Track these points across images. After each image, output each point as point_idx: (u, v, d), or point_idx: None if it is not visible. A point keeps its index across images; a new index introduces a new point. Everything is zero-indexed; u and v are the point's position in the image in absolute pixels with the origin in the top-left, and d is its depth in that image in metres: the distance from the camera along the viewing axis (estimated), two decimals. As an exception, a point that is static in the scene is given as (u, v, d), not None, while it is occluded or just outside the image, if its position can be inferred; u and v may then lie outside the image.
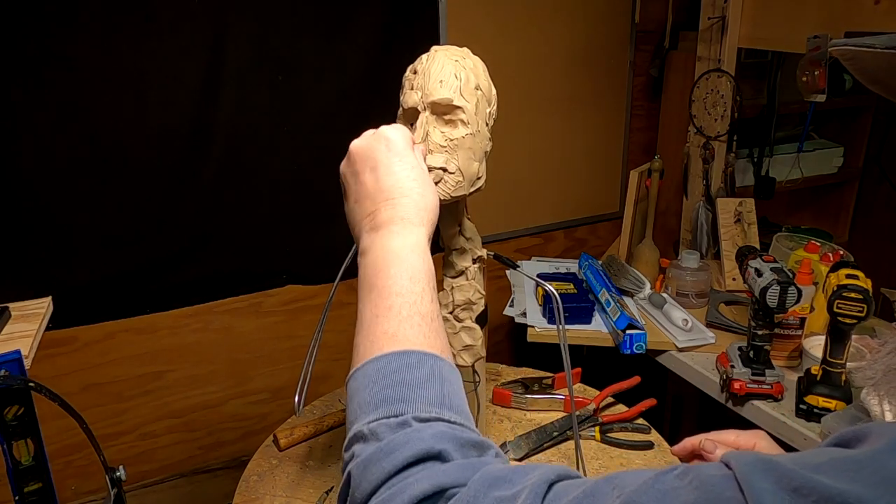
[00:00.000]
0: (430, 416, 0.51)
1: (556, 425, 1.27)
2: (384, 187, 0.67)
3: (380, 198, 0.67)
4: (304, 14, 1.55)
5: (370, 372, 0.55)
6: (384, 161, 0.68)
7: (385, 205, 0.66)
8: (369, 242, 0.65)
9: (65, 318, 1.48)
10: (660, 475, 0.42)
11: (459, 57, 0.83)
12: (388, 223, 0.65)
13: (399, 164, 0.68)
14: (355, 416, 0.53)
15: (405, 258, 0.62)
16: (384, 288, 0.61)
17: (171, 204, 1.55)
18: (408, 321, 0.58)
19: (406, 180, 0.67)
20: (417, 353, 0.56)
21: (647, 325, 1.56)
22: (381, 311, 0.59)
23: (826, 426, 1.18)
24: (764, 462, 0.39)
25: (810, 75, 1.49)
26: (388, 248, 0.63)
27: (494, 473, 0.47)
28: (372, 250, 0.65)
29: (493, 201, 1.93)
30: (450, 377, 0.56)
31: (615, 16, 1.97)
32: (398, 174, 0.68)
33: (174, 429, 1.74)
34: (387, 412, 0.51)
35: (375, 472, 0.48)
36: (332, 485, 1.15)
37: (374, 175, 0.68)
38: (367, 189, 0.68)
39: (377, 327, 0.58)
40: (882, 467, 0.37)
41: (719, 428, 0.82)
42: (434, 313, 0.61)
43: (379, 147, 0.69)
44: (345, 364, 2.20)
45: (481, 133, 0.84)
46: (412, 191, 0.67)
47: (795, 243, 1.72)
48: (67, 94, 1.40)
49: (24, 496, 0.98)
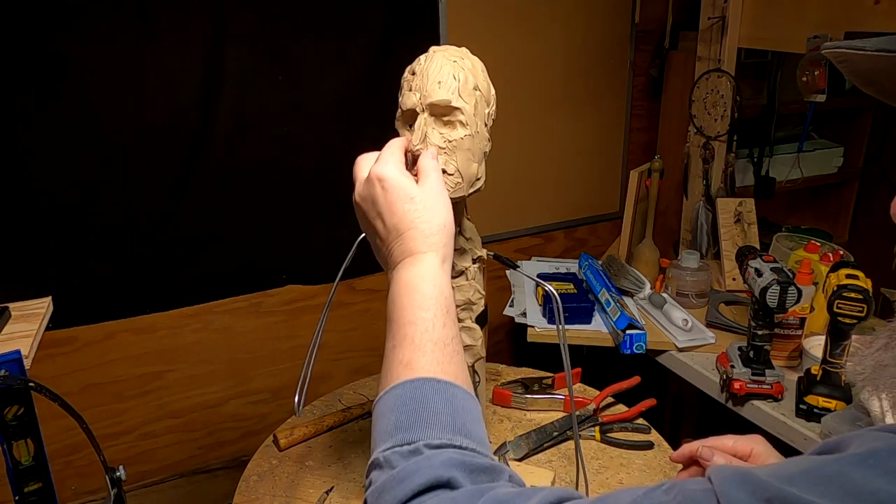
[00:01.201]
0: (442, 443, 0.53)
1: (556, 425, 1.27)
2: (392, 228, 0.70)
3: (391, 238, 0.70)
4: (304, 14, 1.55)
5: (388, 400, 0.58)
6: (384, 204, 0.70)
7: (395, 243, 0.69)
8: (391, 278, 0.69)
9: (65, 318, 1.49)
10: (648, 492, 0.44)
11: (458, 57, 0.83)
12: (400, 257, 0.69)
13: (398, 201, 0.70)
14: (375, 444, 0.56)
15: (416, 287, 0.65)
16: (398, 319, 0.64)
17: (171, 204, 1.55)
18: (420, 349, 0.60)
19: (407, 214, 0.69)
20: (430, 381, 0.58)
21: (647, 325, 1.56)
22: (397, 342, 0.62)
23: (826, 426, 1.18)
24: (741, 475, 0.42)
25: (810, 75, 1.49)
26: (401, 281, 0.67)
27: (499, 498, 0.48)
28: (391, 285, 0.68)
29: (493, 201, 1.93)
30: (463, 402, 0.58)
31: (615, 16, 1.97)
32: (398, 211, 0.69)
33: (174, 429, 1.74)
34: (400, 440, 0.54)
35: (388, 499, 0.50)
36: (332, 485, 1.15)
37: (382, 219, 0.71)
38: (381, 234, 0.71)
39: (394, 357, 0.61)
40: (848, 480, 0.39)
41: (719, 428, 0.82)
42: (447, 338, 0.62)
43: (375, 192, 0.71)
44: (345, 364, 2.21)
45: (480, 134, 0.83)
46: (413, 222, 0.69)
47: (795, 243, 1.72)
48: (67, 93, 1.40)
49: (24, 496, 0.98)
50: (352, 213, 0.76)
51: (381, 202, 0.70)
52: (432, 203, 0.71)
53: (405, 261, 0.68)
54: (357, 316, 1.87)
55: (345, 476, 1.17)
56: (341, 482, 1.16)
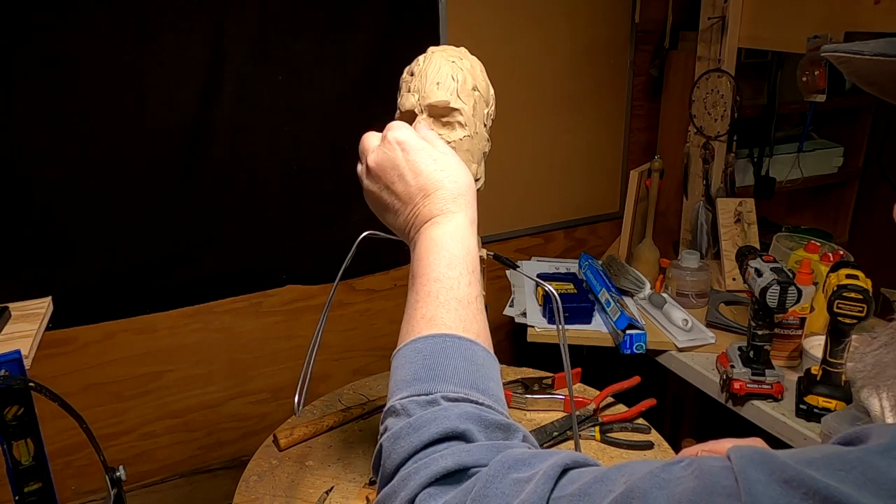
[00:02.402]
0: (459, 397, 0.54)
1: (556, 425, 1.27)
2: (417, 188, 0.69)
3: (416, 198, 0.69)
4: (304, 14, 1.55)
5: (408, 352, 0.59)
6: (406, 165, 0.70)
7: (422, 202, 0.69)
8: (416, 239, 0.69)
9: (65, 318, 1.49)
10: (667, 465, 0.44)
11: (456, 58, 0.83)
12: (428, 217, 0.68)
13: (422, 161, 0.70)
14: (391, 393, 0.57)
15: (444, 245, 0.65)
16: (424, 275, 0.64)
17: (171, 204, 1.55)
18: (444, 306, 0.61)
19: (434, 174, 0.69)
20: (451, 337, 0.59)
21: (647, 325, 1.56)
22: (421, 297, 0.62)
23: (826, 426, 1.18)
24: (760, 454, 0.41)
25: (810, 75, 1.49)
26: (429, 238, 0.67)
27: (515, 456, 0.49)
28: (417, 245, 0.68)
29: (493, 201, 1.93)
30: (483, 361, 0.59)
31: (615, 16, 1.97)
32: (424, 171, 0.69)
33: (174, 429, 1.74)
34: (418, 390, 0.55)
35: (404, 445, 0.51)
36: (332, 485, 1.15)
37: (404, 181, 0.70)
38: (402, 196, 0.70)
39: (417, 311, 0.62)
40: (870, 468, 0.38)
41: (719, 428, 0.82)
42: (471, 297, 0.63)
43: (396, 154, 0.71)
44: (345, 364, 2.20)
45: (479, 134, 0.83)
46: (442, 181, 0.69)
47: (795, 243, 1.72)
48: (67, 93, 1.40)
49: (24, 496, 0.98)
50: (352, 213, 0.76)
51: (403, 164, 0.70)
52: (456, 163, 0.71)
53: (433, 219, 0.68)
54: (357, 316, 1.87)
55: (345, 476, 1.17)
56: (341, 482, 1.16)
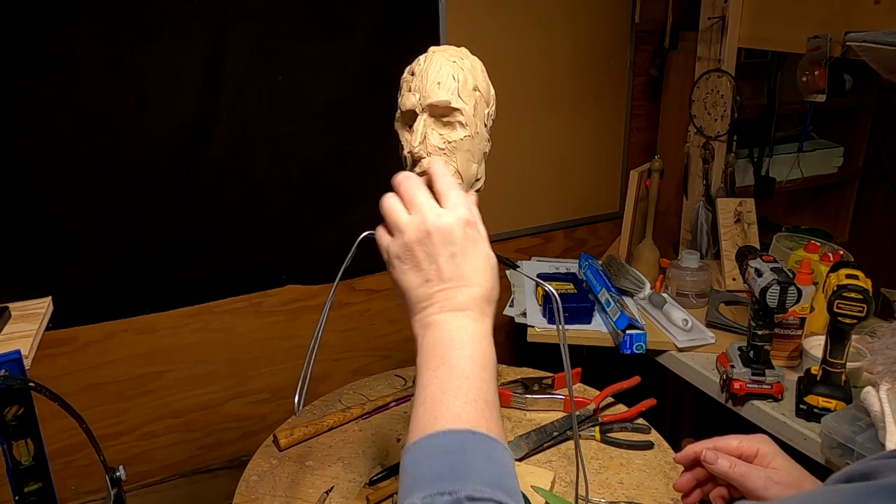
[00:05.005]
0: (483, 497, 0.53)
1: (556, 425, 1.27)
2: (462, 274, 0.68)
3: (456, 282, 0.68)
4: (304, 14, 1.55)
5: (430, 447, 0.58)
6: (465, 249, 0.68)
7: (462, 290, 0.67)
8: (441, 320, 0.67)
9: (65, 318, 1.49)
10: None
11: (457, 58, 0.83)
12: (465, 308, 0.67)
13: (479, 253, 0.69)
14: (409, 489, 0.55)
15: (479, 344, 0.65)
16: (455, 367, 0.63)
17: (171, 204, 1.55)
18: (473, 404, 0.60)
19: (484, 271, 0.69)
20: (478, 435, 0.58)
21: (647, 325, 1.56)
22: (449, 390, 0.61)
23: (826, 426, 1.18)
24: None
25: (810, 75, 1.49)
26: (465, 330, 0.66)
27: None
28: (445, 328, 0.66)
29: (493, 201, 1.93)
30: (503, 459, 0.58)
31: (615, 16, 1.97)
32: (476, 264, 0.69)
33: (174, 429, 1.74)
34: (441, 489, 0.53)
35: None
36: (332, 485, 1.15)
37: (454, 261, 0.68)
38: (444, 274, 0.68)
39: (442, 404, 0.60)
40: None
41: (719, 429, 0.82)
42: (496, 401, 0.63)
43: (463, 233, 0.69)
44: (345, 364, 2.20)
45: (480, 134, 0.83)
46: (486, 282, 0.69)
47: (795, 243, 1.72)
48: (67, 93, 1.39)
49: (24, 496, 0.98)
50: (352, 213, 0.76)
51: (464, 245, 0.68)
52: (497, 275, 0.71)
53: (466, 312, 0.67)
54: (357, 316, 1.87)
55: (345, 476, 1.17)
56: (341, 482, 1.16)
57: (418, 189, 0.71)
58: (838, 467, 1.17)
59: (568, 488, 1.14)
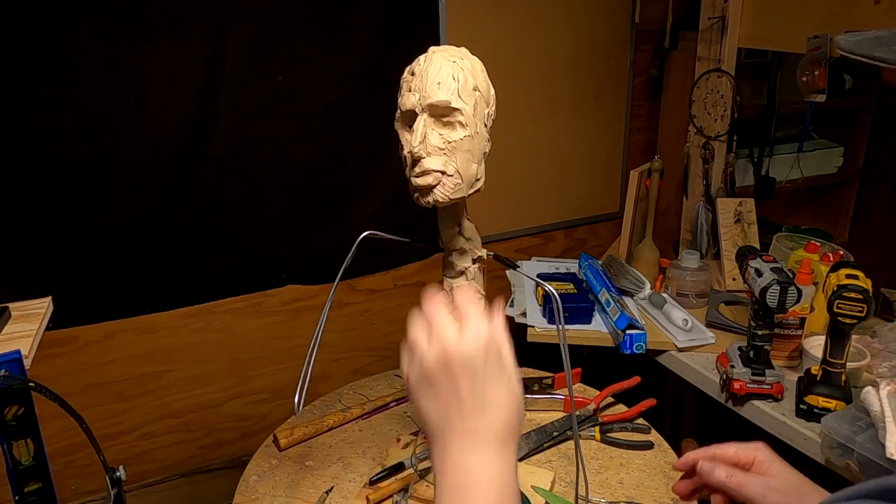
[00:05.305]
0: None
1: (556, 425, 1.27)
2: (486, 401, 0.63)
3: (478, 410, 0.63)
4: (304, 14, 1.55)
5: None
6: (490, 374, 0.63)
7: (484, 415, 0.63)
8: (460, 459, 0.63)
9: (65, 318, 1.49)
10: None
11: (457, 58, 0.83)
12: (486, 443, 0.63)
13: (505, 378, 0.65)
14: None
15: (499, 483, 0.62)
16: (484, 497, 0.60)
17: (171, 204, 1.55)
18: None
19: (507, 402, 0.64)
20: None
21: (647, 325, 1.56)
22: None
23: (826, 426, 1.18)
24: None
25: (810, 75, 1.49)
26: (484, 468, 0.62)
27: None
28: (463, 467, 0.63)
29: (493, 201, 1.93)
30: None
31: (615, 16, 1.97)
32: (501, 389, 0.64)
33: (174, 429, 1.74)
34: None
35: None
36: (332, 485, 1.15)
37: (475, 386, 0.63)
38: (465, 399, 0.63)
39: None
40: None
41: (719, 429, 0.82)
42: None
43: (490, 357, 0.64)
44: (345, 364, 2.20)
45: (480, 134, 0.83)
46: (509, 413, 0.64)
47: (795, 243, 1.72)
48: (67, 93, 1.39)
49: (24, 496, 0.98)
50: (352, 213, 0.76)
51: (488, 370, 0.63)
52: (522, 399, 0.67)
53: (493, 442, 0.62)
54: (357, 316, 1.87)
55: (345, 476, 1.17)
56: (341, 482, 1.16)
57: (440, 311, 0.66)
58: (838, 467, 1.18)
59: (568, 488, 1.14)
